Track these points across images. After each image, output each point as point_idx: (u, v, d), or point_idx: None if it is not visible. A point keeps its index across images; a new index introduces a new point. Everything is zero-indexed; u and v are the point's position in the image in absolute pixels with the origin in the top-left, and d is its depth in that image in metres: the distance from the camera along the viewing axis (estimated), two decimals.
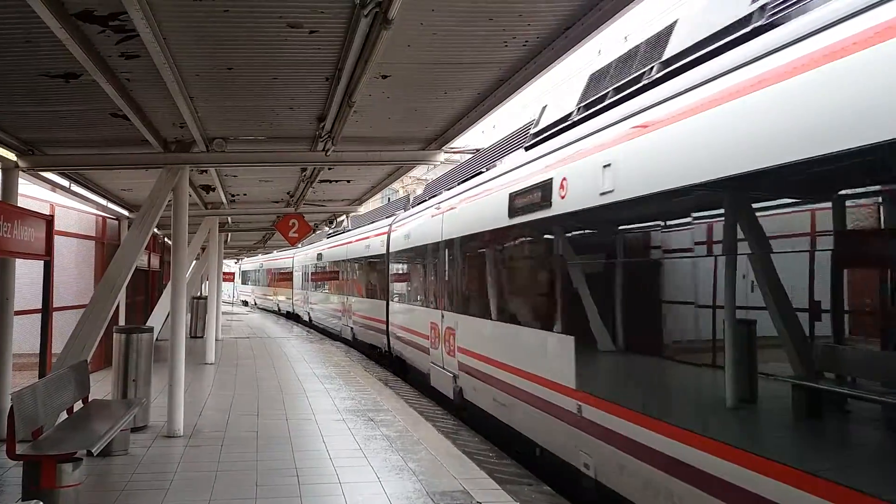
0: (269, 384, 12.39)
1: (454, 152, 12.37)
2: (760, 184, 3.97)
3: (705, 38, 5.01)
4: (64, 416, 6.59)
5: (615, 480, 5.48)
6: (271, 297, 43.53)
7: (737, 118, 4.18)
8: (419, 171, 29.20)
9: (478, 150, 12.37)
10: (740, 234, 4.19)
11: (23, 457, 5.11)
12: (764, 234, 4.03)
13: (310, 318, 29.11)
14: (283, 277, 38.46)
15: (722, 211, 4.36)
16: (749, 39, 4.43)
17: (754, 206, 4.11)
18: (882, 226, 3.32)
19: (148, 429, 8.54)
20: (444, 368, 10.78)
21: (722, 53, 4.65)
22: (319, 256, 26.46)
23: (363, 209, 19.12)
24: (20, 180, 8.86)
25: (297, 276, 33.25)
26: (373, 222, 19.06)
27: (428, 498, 5.92)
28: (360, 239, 19.20)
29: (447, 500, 5.88)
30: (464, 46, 5.86)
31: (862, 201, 3.49)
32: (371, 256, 17.76)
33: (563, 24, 5.39)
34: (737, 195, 4.18)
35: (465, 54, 6.05)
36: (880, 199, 3.36)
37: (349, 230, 21.59)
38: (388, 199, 29.52)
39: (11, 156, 8.52)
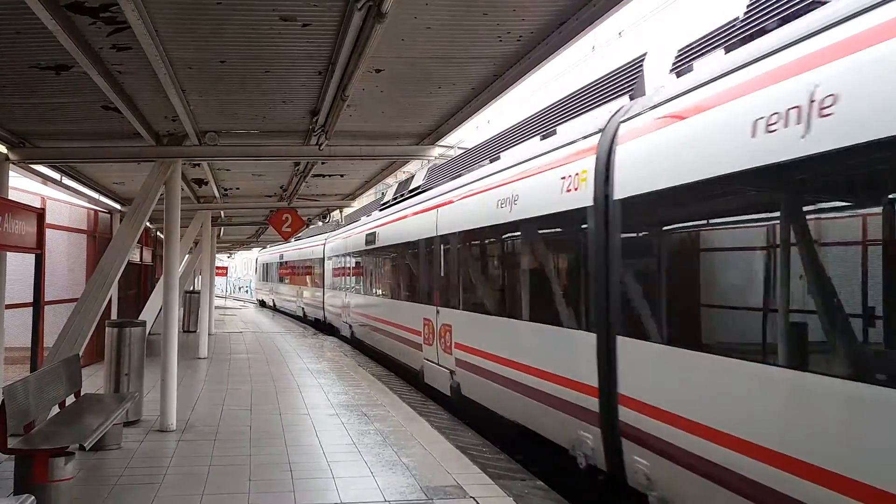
0: (263, 379, 12.37)
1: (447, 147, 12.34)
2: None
3: None
4: (56, 410, 6.56)
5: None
6: (292, 299, 33.01)
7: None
8: (413, 166, 29.22)
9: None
10: None
11: (15, 451, 5.09)
12: None
13: (352, 332, 18.83)
14: (307, 271, 28.59)
15: None
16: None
17: None
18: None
19: (140, 423, 8.52)
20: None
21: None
22: (370, 240, 16.20)
23: (357, 204, 19.10)
24: (11, 173, 8.80)
25: (329, 269, 23.23)
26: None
27: (421, 492, 5.93)
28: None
29: (440, 494, 5.89)
30: (458, 41, 5.85)
31: None
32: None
33: (557, 19, 5.38)
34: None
35: (459, 49, 6.04)
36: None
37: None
38: (382, 194, 29.47)
39: (2, 148, 8.47)
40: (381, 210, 16.45)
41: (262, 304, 45.48)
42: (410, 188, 13.94)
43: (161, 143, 8.81)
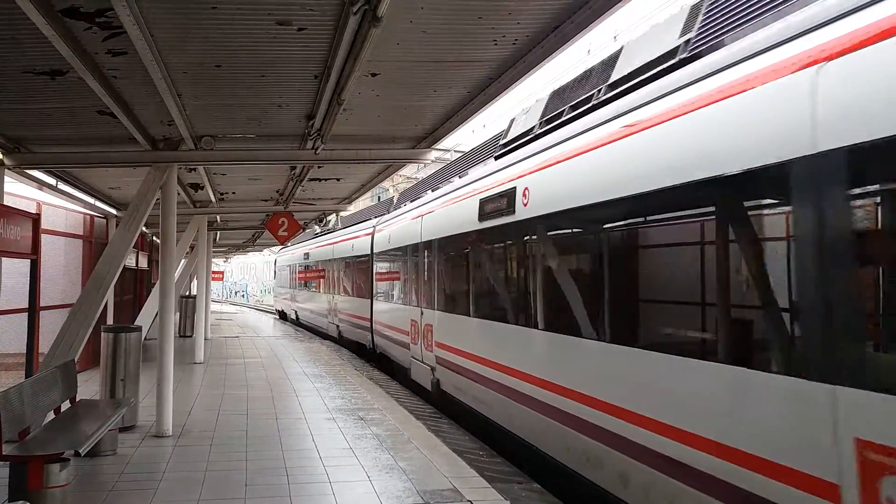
0: (259, 383, 12.34)
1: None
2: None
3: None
4: (51, 416, 6.54)
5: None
6: (321, 313, 23.38)
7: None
8: (409, 170, 29.19)
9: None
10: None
11: (9, 457, 5.06)
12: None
13: (437, 382, 10.86)
14: (346, 272, 19.72)
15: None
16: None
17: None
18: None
19: (136, 429, 8.48)
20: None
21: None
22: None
23: (353, 208, 19.09)
24: (6, 178, 8.79)
25: (383, 269, 15.37)
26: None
27: (418, 496, 5.91)
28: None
29: (437, 498, 5.88)
30: (453, 44, 5.86)
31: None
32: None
33: (553, 22, 5.40)
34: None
35: (455, 52, 6.05)
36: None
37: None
38: (378, 197, 29.37)
39: None
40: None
41: (283, 316, 34.61)
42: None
43: (157, 148, 8.80)
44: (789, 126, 3.72)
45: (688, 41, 5.17)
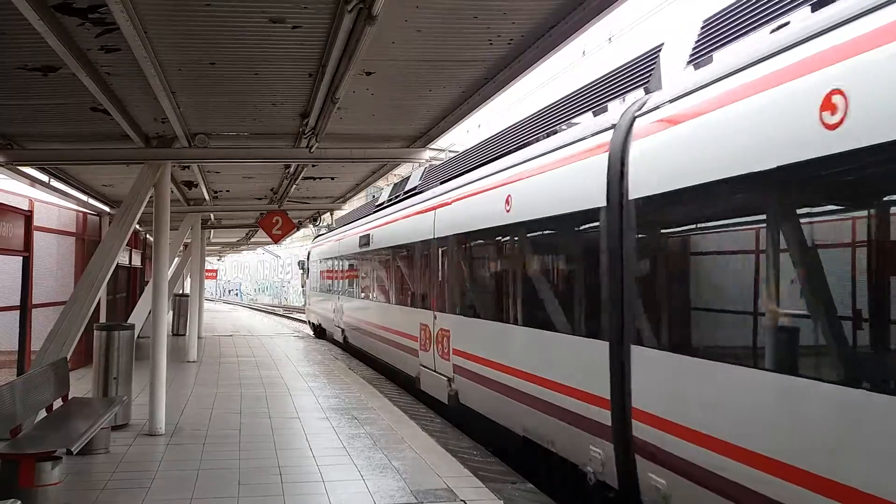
0: (253, 382, 12.31)
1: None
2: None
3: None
4: (43, 414, 6.51)
5: None
6: (399, 340, 12.27)
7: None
8: (405, 169, 29.17)
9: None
10: None
11: (1, 455, 5.04)
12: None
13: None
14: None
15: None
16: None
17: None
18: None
19: (129, 427, 8.46)
20: None
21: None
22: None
23: (347, 207, 19.07)
24: None
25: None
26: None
27: (412, 496, 5.91)
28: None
29: (431, 497, 5.88)
30: (448, 44, 5.85)
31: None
32: None
33: (548, 22, 5.39)
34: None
35: (450, 52, 6.04)
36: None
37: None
38: (373, 196, 29.19)
39: None
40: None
41: (320, 331, 23.47)
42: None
43: (150, 146, 8.76)
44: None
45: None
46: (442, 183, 10.79)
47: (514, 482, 6.83)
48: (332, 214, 18.66)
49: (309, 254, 26.76)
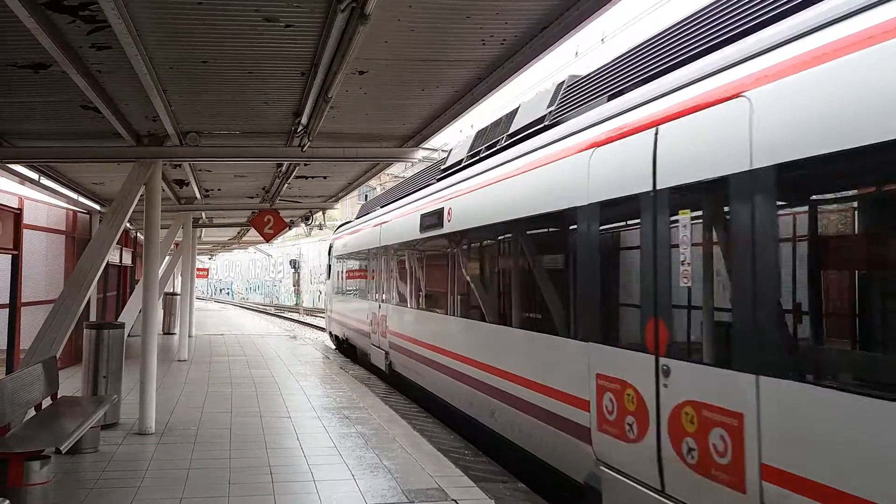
0: (244, 381, 12.28)
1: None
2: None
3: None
4: (32, 412, 6.47)
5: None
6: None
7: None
8: (397, 169, 29.17)
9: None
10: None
11: None
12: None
13: None
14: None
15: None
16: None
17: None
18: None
19: (119, 426, 8.42)
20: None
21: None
22: None
23: (339, 206, 19.01)
24: None
25: None
26: None
27: (403, 496, 5.91)
28: None
29: (422, 497, 5.88)
30: (441, 44, 5.86)
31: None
32: None
33: (541, 22, 5.41)
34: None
35: (443, 51, 6.05)
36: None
37: None
38: (366, 196, 29.09)
39: None
40: None
41: (344, 345, 18.37)
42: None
43: (141, 144, 8.73)
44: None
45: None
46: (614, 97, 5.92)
47: (506, 481, 6.84)
48: (323, 213, 18.61)
49: (331, 247, 20.21)
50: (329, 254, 20.56)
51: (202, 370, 13.74)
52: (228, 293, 77.47)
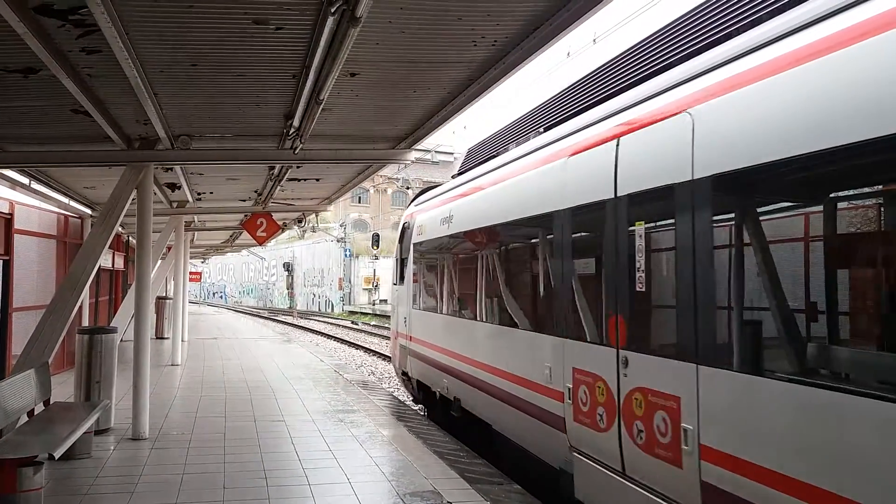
0: (237, 385, 12.24)
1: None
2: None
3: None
4: (24, 418, 6.43)
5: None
6: None
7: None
8: (390, 171, 29.15)
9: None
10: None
11: None
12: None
13: None
14: None
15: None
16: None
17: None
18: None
19: (112, 431, 8.38)
20: None
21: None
22: None
23: (332, 209, 18.98)
24: None
25: None
26: None
27: (398, 499, 5.90)
28: None
29: (418, 500, 5.87)
30: (433, 45, 5.85)
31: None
32: None
33: (532, 23, 5.41)
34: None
35: (434, 53, 6.04)
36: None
37: None
38: (359, 199, 29.04)
39: None
40: None
41: (436, 400, 9.97)
42: None
43: (132, 147, 8.69)
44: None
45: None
46: None
47: (501, 483, 6.84)
48: (316, 216, 18.56)
49: (406, 229, 12.01)
50: (401, 240, 12.32)
51: (195, 374, 13.69)
52: (222, 297, 77.28)
